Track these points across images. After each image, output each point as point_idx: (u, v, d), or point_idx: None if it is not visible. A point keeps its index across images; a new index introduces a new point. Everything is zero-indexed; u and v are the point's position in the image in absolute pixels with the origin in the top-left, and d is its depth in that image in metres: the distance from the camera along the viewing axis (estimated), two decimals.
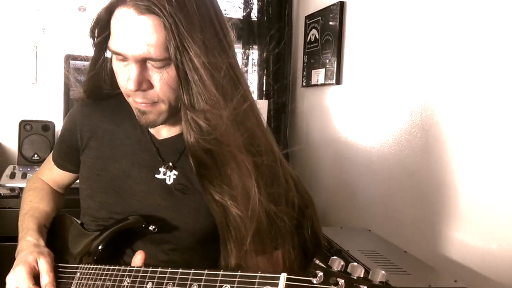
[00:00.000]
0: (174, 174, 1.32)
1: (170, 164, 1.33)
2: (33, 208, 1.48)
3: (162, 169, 1.33)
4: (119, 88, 1.25)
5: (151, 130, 1.36)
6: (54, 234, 1.44)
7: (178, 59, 1.08)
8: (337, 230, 2.46)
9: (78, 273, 1.28)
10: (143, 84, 1.14)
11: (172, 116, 1.23)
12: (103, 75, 1.34)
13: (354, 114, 2.96)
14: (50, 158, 1.60)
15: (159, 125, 1.26)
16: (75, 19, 3.37)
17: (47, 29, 3.38)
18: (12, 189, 2.70)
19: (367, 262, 1.86)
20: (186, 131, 1.15)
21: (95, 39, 1.23)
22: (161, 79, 1.14)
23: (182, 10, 1.07)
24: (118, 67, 1.18)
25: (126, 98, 1.24)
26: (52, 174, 1.59)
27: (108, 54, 1.28)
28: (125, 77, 1.16)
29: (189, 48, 1.07)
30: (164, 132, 1.36)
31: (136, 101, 1.20)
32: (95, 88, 1.38)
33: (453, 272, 2.05)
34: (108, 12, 1.15)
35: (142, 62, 1.12)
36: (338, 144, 3.14)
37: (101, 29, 1.20)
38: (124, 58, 1.14)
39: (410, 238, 2.37)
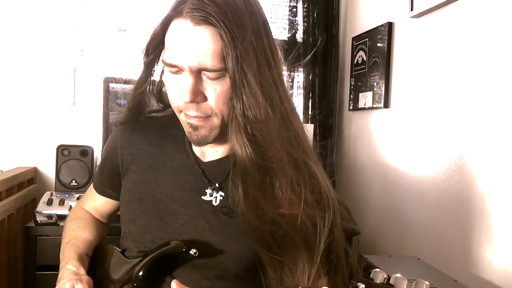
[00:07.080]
0: (221, 196, 1.35)
1: (217, 185, 1.36)
2: (75, 237, 1.50)
3: (208, 191, 1.36)
4: (169, 106, 1.31)
5: (196, 153, 1.41)
6: (94, 263, 1.47)
7: (235, 69, 1.14)
8: (385, 258, 2.48)
9: None
10: (198, 95, 1.20)
11: (222, 134, 1.28)
12: (150, 93, 1.41)
13: (403, 138, 2.98)
14: (91, 186, 1.65)
15: (210, 142, 1.31)
16: (114, 41, 3.41)
17: (85, 51, 3.39)
18: (50, 216, 2.68)
19: None
20: (236, 143, 1.21)
21: (148, 56, 1.30)
22: (216, 91, 1.20)
23: (237, 23, 1.15)
24: (171, 80, 1.25)
25: (177, 114, 1.30)
26: (95, 203, 1.63)
27: (156, 72, 1.35)
28: (179, 89, 1.22)
29: (244, 60, 1.14)
30: (209, 155, 1.40)
31: (189, 115, 1.25)
32: (139, 106, 1.45)
33: None
34: (164, 27, 1.22)
35: (197, 73, 1.19)
36: (386, 169, 3.16)
37: (156, 45, 1.27)
38: (179, 70, 1.21)
39: (460, 266, 2.38)
